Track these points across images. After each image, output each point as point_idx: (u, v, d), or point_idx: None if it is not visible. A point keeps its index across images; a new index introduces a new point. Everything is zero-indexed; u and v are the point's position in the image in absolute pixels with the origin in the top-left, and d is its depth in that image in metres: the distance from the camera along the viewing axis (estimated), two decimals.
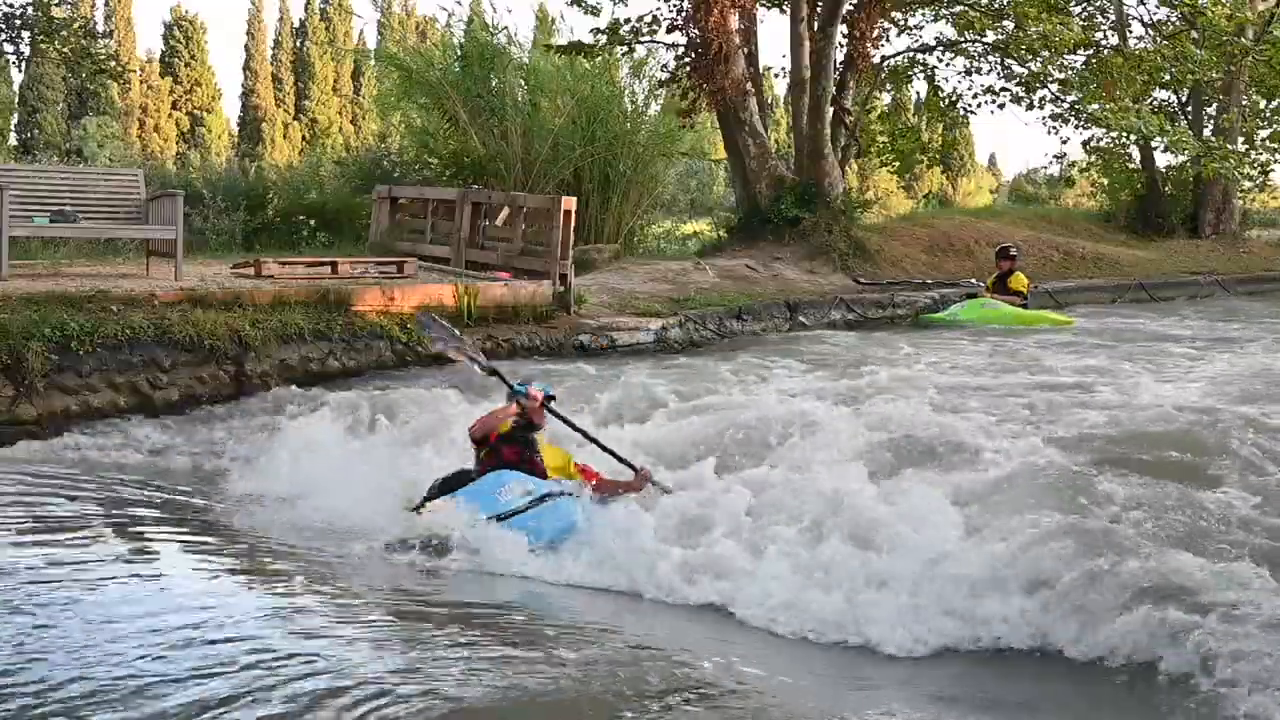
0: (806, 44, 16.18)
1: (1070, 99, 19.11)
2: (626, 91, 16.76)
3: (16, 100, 44.40)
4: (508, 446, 5.52)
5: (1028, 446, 6.17)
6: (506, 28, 30.34)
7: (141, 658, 3.42)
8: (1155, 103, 20.91)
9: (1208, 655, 3.74)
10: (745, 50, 16.17)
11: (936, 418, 6.79)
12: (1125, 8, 20.72)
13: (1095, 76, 18.29)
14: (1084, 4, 19.92)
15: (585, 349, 10.23)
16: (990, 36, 18.71)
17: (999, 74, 19.72)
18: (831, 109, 16.37)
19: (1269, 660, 3.62)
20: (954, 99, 20.79)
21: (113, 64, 19.54)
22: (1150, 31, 20.99)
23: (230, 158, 42.02)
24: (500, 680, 3.42)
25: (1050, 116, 19.81)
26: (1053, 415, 7.21)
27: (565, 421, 5.90)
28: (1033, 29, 16.95)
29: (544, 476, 5.45)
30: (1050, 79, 18.80)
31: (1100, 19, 20.20)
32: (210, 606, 4.09)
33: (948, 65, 20.57)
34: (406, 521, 5.39)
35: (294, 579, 4.67)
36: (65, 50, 16.48)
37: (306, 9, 56.92)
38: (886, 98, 22.60)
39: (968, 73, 20.18)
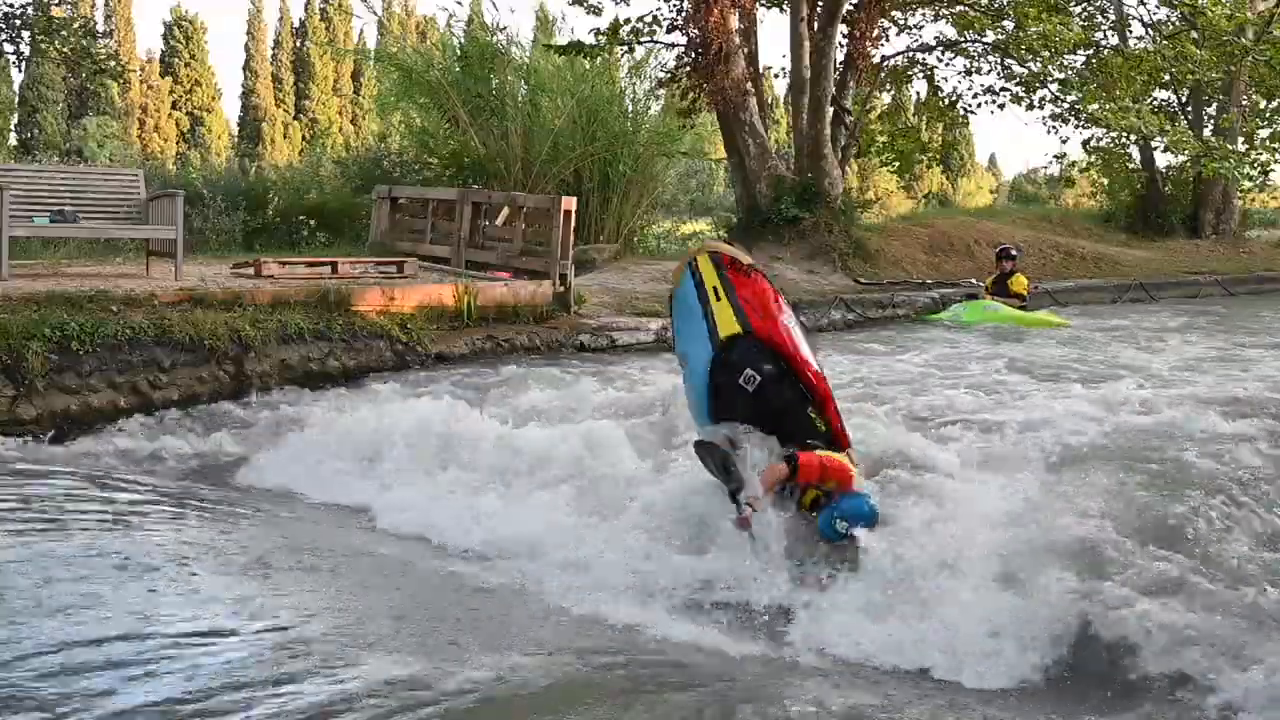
0: (806, 44, 16.17)
1: (1070, 99, 19.06)
2: (626, 91, 16.76)
3: (16, 100, 44.45)
4: None
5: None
6: (506, 28, 30.39)
7: (139, 658, 3.42)
8: (1155, 103, 20.87)
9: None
10: (745, 50, 16.16)
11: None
12: (1125, 8, 20.72)
13: (1095, 76, 18.27)
14: (1084, 4, 19.91)
15: (585, 349, 10.23)
16: (990, 36, 18.68)
17: (999, 74, 19.69)
18: (831, 109, 16.36)
19: None
20: (954, 99, 20.78)
21: (113, 64, 19.53)
22: (1150, 31, 20.97)
23: (230, 158, 42.10)
24: None
25: (1050, 116, 19.76)
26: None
27: None
28: (1033, 29, 16.92)
29: None
30: (1050, 79, 18.76)
31: (1100, 19, 20.19)
32: (217, 605, 4.08)
33: (948, 65, 20.55)
34: None
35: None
36: (65, 50, 16.51)
37: (306, 9, 56.98)
38: (886, 98, 22.57)
39: (968, 73, 20.15)
